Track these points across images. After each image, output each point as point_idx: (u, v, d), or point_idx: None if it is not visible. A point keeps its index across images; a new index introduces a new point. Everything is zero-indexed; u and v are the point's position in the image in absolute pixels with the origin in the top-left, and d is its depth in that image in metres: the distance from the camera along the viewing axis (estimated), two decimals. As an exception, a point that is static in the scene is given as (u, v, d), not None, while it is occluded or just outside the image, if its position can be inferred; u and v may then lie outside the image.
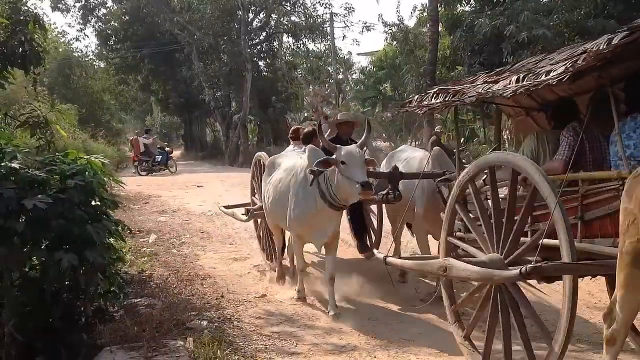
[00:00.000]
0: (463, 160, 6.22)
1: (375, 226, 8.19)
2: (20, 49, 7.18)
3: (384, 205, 7.66)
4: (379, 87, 30.31)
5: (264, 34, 33.06)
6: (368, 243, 8.17)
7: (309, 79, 31.94)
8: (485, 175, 4.89)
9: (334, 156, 6.00)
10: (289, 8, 32.05)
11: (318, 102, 27.75)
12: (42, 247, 5.02)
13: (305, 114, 31.26)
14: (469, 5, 22.83)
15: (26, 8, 8.23)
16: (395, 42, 27.25)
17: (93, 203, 5.35)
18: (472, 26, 20.03)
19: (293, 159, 6.90)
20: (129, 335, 5.47)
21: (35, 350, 4.95)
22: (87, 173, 5.23)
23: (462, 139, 24.42)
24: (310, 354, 5.24)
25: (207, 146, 38.67)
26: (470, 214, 4.89)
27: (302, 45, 33.53)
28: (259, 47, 33.10)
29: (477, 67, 20.45)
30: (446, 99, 5.07)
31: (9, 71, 7.43)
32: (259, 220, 8.56)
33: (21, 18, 7.32)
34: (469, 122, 25.49)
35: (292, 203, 6.46)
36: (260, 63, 33.28)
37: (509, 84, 4.28)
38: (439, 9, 21.43)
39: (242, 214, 8.92)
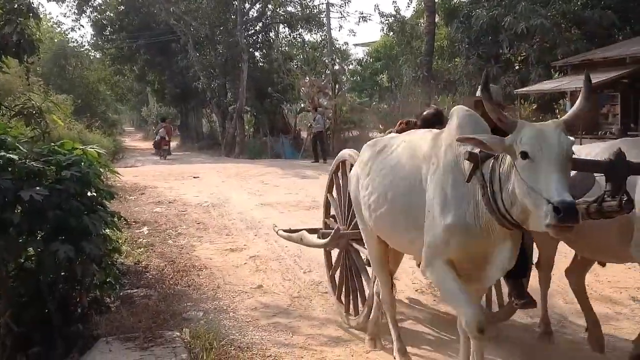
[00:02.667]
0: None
1: None
2: (15, 38, 7.12)
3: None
4: (375, 78, 30.31)
5: (260, 24, 32.95)
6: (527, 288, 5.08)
7: (305, 69, 31.86)
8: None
9: (508, 139, 3.38)
10: (285, -2, 31.97)
11: (314, 93, 27.69)
12: (38, 238, 5.02)
13: (302, 105, 31.22)
14: (465, -4, 22.80)
15: (21, -3, 8.17)
16: (392, 33, 27.29)
17: (89, 194, 5.35)
18: (470, 17, 20.07)
19: (420, 135, 4.35)
20: (125, 326, 5.47)
21: (31, 341, 4.96)
22: (82, 164, 5.21)
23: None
24: (306, 345, 5.25)
25: (204, 137, 38.60)
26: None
27: (298, 35, 33.47)
28: (255, 38, 33.00)
29: (474, 59, 20.51)
30: None
31: (2, 60, 7.38)
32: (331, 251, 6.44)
33: (15, 7, 7.26)
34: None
35: (434, 207, 3.80)
36: (257, 54, 33.18)
37: None
38: (436, -1, 21.39)
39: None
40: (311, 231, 6.53)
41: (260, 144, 29.46)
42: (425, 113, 5.71)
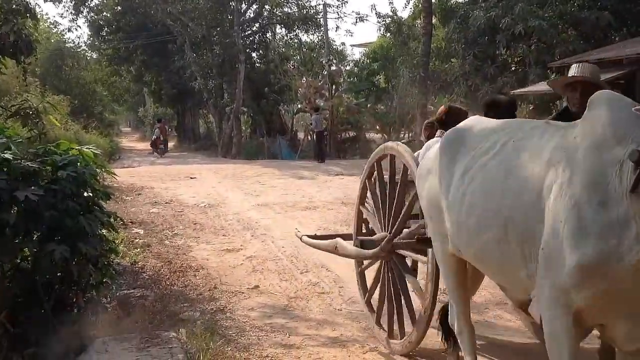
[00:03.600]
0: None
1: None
2: (12, 39, 7.12)
3: None
4: (372, 78, 30.27)
5: (257, 25, 32.94)
6: None
7: (302, 70, 31.85)
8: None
9: None
10: (281, -1, 31.97)
11: (311, 93, 27.69)
12: (34, 238, 5.01)
13: (299, 106, 31.20)
14: (463, -3, 22.82)
15: (18, -2, 8.16)
16: (388, 34, 27.23)
17: (85, 194, 5.34)
18: (467, 18, 20.05)
19: (535, 128, 3.26)
20: (121, 326, 5.48)
21: (27, 342, 4.94)
22: (78, 164, 5.20)
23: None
24: (303, 346, 5.25)
25: (200, 137, 38.58)
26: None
27: (295, 36, 33.46)
28: (251, 38, 32.98)
29: (471, 59, 20.50)
30: None
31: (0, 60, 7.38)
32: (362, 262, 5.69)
33: (13, 7, 7.26)
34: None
35: (562, 234, 2.77)
36: (253, 54, 33.19)
37: None
38: (433, 0, 21.39)
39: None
40: (336, 237, 5.87)
41: (257, 145, 29.44)
42: (494, 99, 4.89)
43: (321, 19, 31.54)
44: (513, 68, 20.22)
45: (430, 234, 4.07)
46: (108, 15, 35.75)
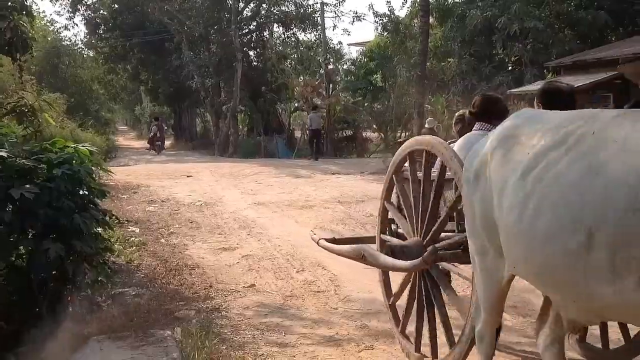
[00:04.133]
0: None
1: None
2: (8, 36, 7.11)
3: None
4: (369, 77, 30.28)
5: (255, 23, 32.91)
6: None
7: (299, 69, 31.85)
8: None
9: None
10: (279, -2, 31.96)
11: (308, 92, 27.69)
12: (29, 236, 5.00)
13: (296, 104, 31.21)
14: (460, -4, 22.85)
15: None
16: (386, 33, 27.27)
17: (81, 192, 5.33)
18: (463, 17, 20.12)
19: (603, 116, 2.83)
20: (116, 325, 5.47)
21: (21, 340, 4.93)
22: (74, 162, 5.20)
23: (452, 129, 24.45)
24: (299, 344, 5.24)
25: (197, 136, 38.58)
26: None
27: (292, 35, 33.44)
28: (249, 37, 32.96)
29: (467, 58, 20.56)
30: None
31: (-5, 58, 7.36)
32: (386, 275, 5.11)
33: (8, 4, 7.24)
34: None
35: None
36: (251, 53, 33.16)
37: None
38: (430, -1, 21.43)
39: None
40: (358, 241, 5.42)
41: (254, 144, 29.44)
42: (557, 87, 4.22)
43: (318, 18, 31.55)
44: (510, 67, 20.28)
45: (476, 247, 3.38)
46: (105, 13, 35.69)
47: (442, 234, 4.21)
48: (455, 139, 5.19)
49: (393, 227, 5.02)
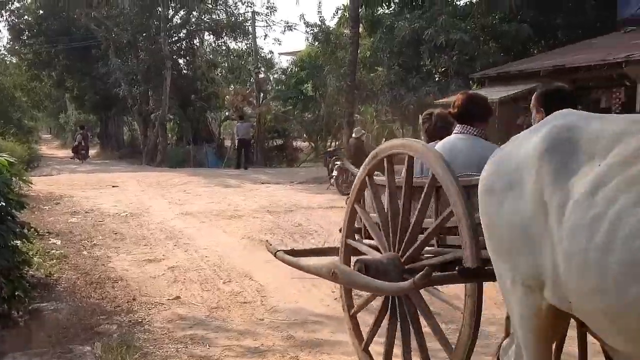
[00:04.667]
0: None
1: None
2: None
3: None
4: (300, 87, 30.40)
5: (185, 31, 32.58)
6: None
7: (230, 77, 31.69)
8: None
9: None
10: (210, 6, 31.73)
11: (238, 101, 27.56)
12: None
13: (227, 113, 31.02)
14: (389, 8, 23.23)
15: None
16: (317, 43, 27.48)
17: (-5, 204, 5.12)
18: (392, 29, 20.44)
19: None
20: (33, 341, 5.27)
21: None
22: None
23: (383, 139, 24.81)
24: (223, 357, 5.16)
25: (124, 145, 37.83)
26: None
27: (223, 43, 33.24)
28: (178, 45, 32.59)
29: (396, 68, 20.89)
30: None
31: None
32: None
33: None
34: (388, 122, 25.89)
35: None
36: (180, 61, 32.79)
37: None
38: (360, 10, 21.69)
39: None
40: (319, 252, 5.00)
41: (182, 153, 29.09)
42: (559, 88, 3.88)
43: (250, 27, 31.48)
44: (436, 78, 20.70)
45: (505, 271, 2.75)
46: (29, 18, 34.67)
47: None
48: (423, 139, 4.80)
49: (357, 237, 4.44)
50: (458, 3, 22.00)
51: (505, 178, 2.71)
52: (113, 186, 16.94)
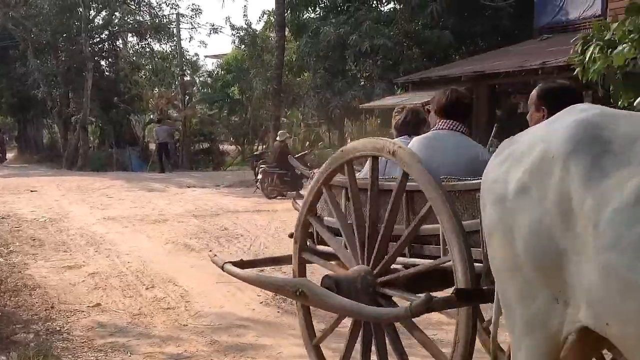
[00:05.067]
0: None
1: None
2: None
3: None
4: (226, 90, 30.19)
5: (107, 32, 31.81)
6: None
7: (154, 80, 31.14)
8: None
9: None
10: (133, 7, 31.06)
11: (163, 104, 27.14)
12: None
13: (151, 116, 30.49)
14: (315, 12, 23.37)
15: None
16: (243, 46, 27.36)
17: None
18: (318, 33, 20.56)
19: None
20: (-58, 353, 5.03)
21: None
22: None
23: (308, 142, 24.94)
24: (145, 364, 5.08)
25: (44, 148, 36.54)
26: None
27: (147, 45, 32.60)
28: (100, 46, 31.79)
29: (322, 72, 21.02)
30: None
31: None
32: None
33: None
34: (314, 126, 26.03)
35: None
36: (102, 62, 31.99)
37: None
38: (286, 14, 21.74)
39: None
40: (272, 262, 4.72)
41: (105, 156, 28.36)
42: (563, 85, 3.58)
43: (174, 29, 31.02)
44: (362, 83, 20.95)
45: (515, 289, 2.34)
46: (-59, 17, 33.10)
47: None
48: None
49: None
50: (382, 9, 22.31)
51: (515, 182, 2.31)
52: (31, 191, 16.42)
